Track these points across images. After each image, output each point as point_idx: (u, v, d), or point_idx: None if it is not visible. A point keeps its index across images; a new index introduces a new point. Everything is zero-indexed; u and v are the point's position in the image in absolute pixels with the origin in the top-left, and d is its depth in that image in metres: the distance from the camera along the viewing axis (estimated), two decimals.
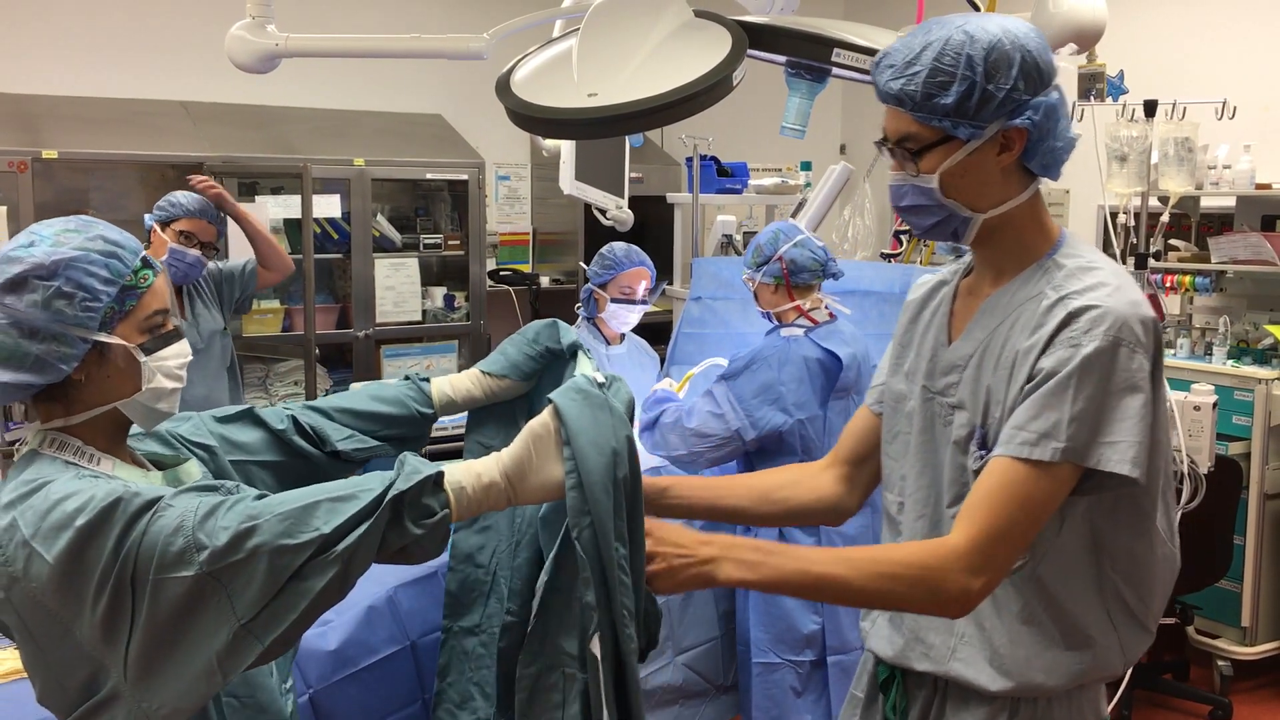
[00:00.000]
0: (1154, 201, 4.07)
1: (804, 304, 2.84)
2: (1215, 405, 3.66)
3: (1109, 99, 3.95)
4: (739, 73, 1.96)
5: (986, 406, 1.44)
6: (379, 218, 5.34)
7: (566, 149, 3.34)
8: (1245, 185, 4.30)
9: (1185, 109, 4.04)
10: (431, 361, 5.41)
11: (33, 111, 4.76)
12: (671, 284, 4.70)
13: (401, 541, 1.22)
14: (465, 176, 5.37)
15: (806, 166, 5.05)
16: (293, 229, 4.95)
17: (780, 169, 5.93)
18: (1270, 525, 3.94)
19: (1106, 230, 3.95)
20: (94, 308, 1.29)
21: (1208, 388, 3.73)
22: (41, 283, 1.27)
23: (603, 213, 3.64)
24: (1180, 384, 3.77)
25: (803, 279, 2.82)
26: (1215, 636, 4.02)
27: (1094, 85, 3.85)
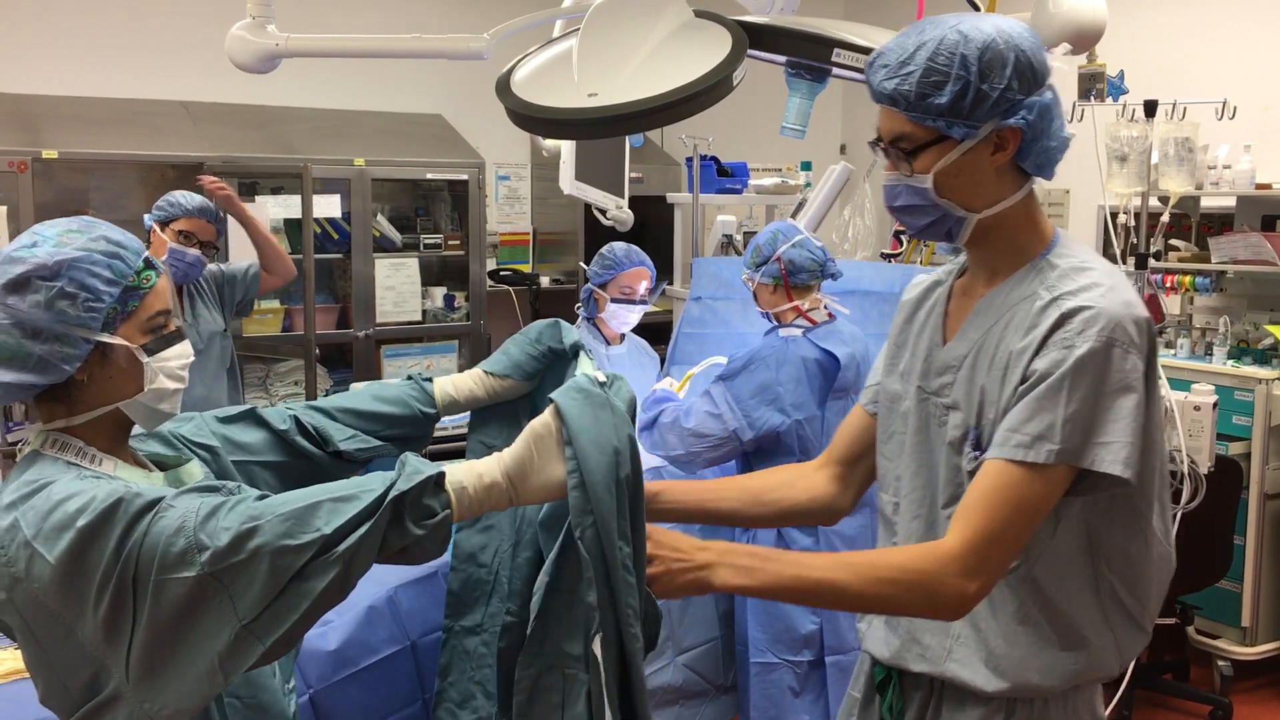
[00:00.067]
0: (1154, 201, 4.07)
1: (803, 304, 2.84)
2: (1215, 405, 3.65)
3: (1109, 99, 3.95)
4: (739, 73, 1.96)
5: (981, 407, 1.44)
6: (379, 218, 5.34)
7: (566, 149, 3.34)
8: (1245, 185, 4.30)
9: (1185, 109, 4.04)
10: (432, 361, 5.41)
11: (33, 111, 4.76)
12: (671, 284, 4.70)
13: (403, 542, 1.22)
14: (465, 176, 5.37)
15: (806, 166, 5.05)
16: (293, 229, 4.95)
17: (780, 169, 5.93)
18: (1270, 525, 3.94)
19: (1107, 230, 3.95)
20: (97, 308, 1.29)
21: (1208, 388, 3.73)
22: (44, 283, 1.27)
23: (603, 213, 3.64)
24: (1180, 384, 3.77)
25: (801, 279, 2.82)
26: (1215, 636, 4.02)
27: (1094, 85, 3.85)
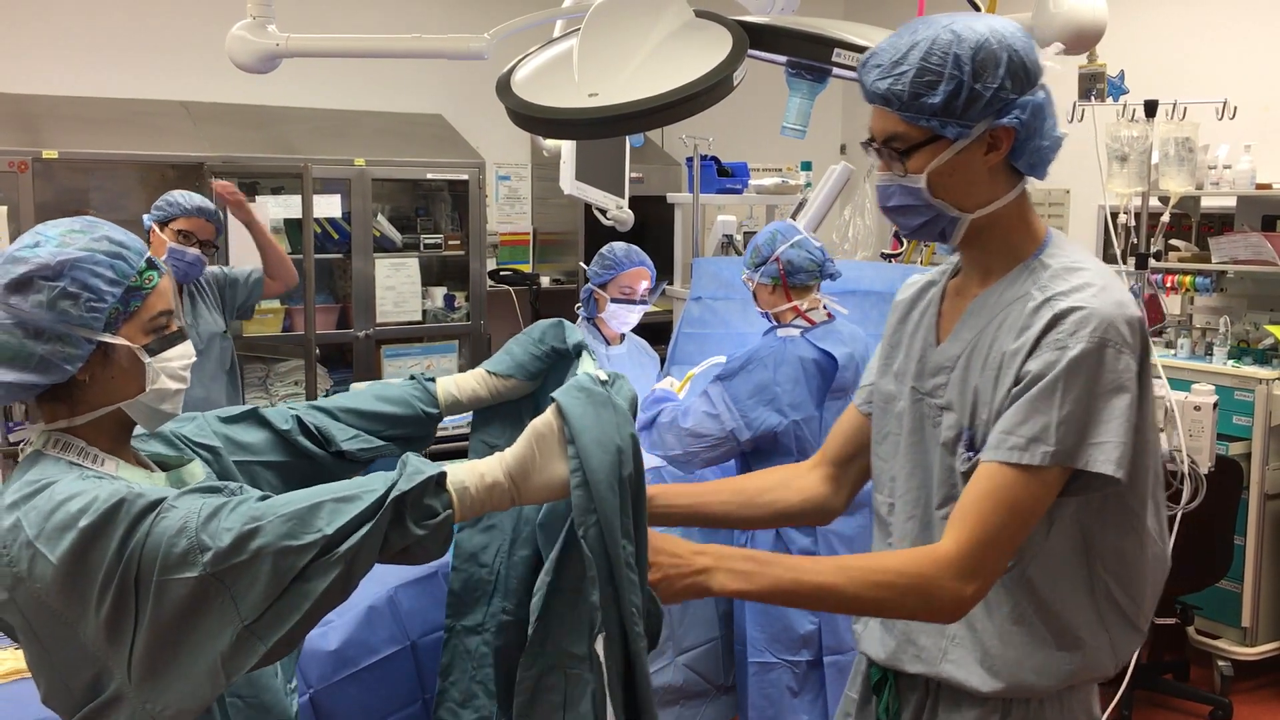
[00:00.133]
0: (1154, 201, 4.07)
1: (801, 304, 2.83)
2: (1216, 405, 3.65)
3: (1109, 99, 3.95)
4: (739, 73, 1.96)
5: (974, 408, 1.44)
6: (379, 218, 5.34)
7: (567, 149, 3.34)
8: (1245, 185, 4.30)
9: (1186, 109, 4.04)
10: (432, 361, 5.41)
11: (33, 111, 4.76)
12: (672, 284, 4.70)
13: (404, 542, 1.22)
14: (465, 176, 5.38)
15: (807, 166, 5.05)
16: (293, 229, 4.95)
17: (780, 169, 5.93)
18: (1270, 525, 3.94)
19: (1107, 230, 3.95)
20: (99, 308, 1.29)
21: (1208, 388, 3.73)
22: (47, 283, 1.27)
23: (603, 213, 3.64)
24: (1181, 384, 3.76)
25: (800, 279, 2.82)
26: (1215, 637, 4.02)
27: (1094, 85, 3.85)
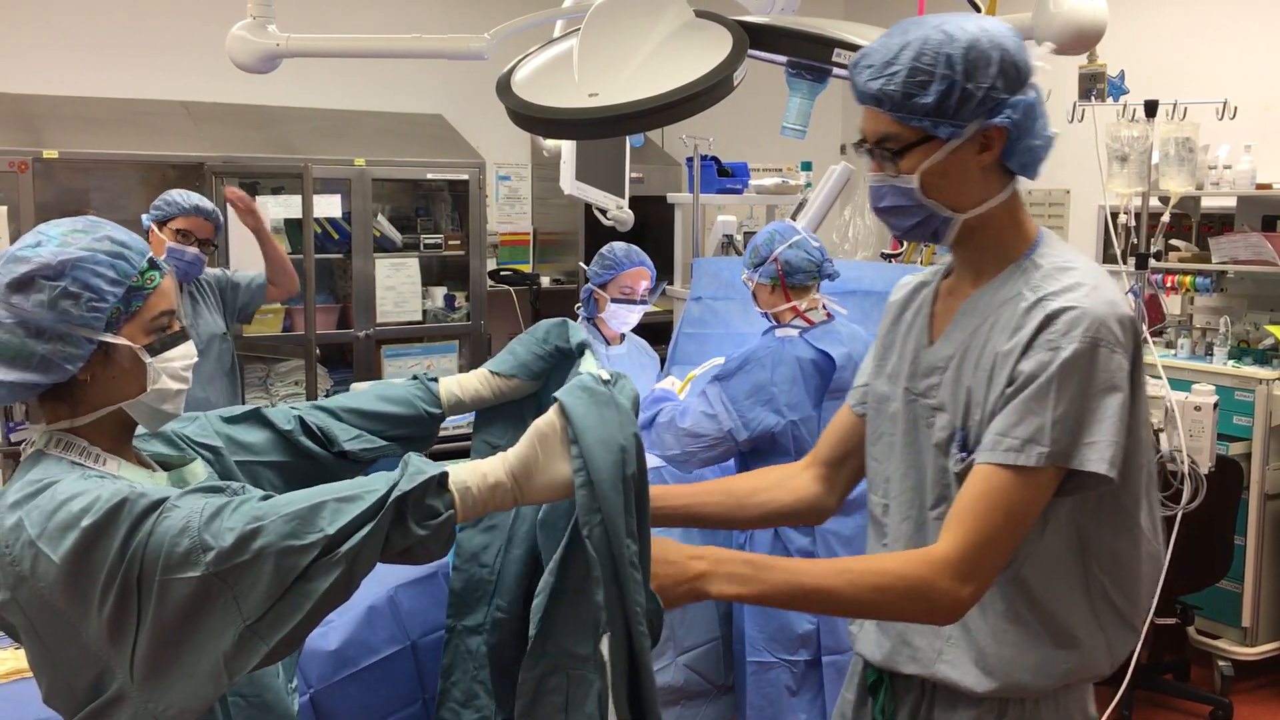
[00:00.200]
0: (1155, 201, 4.07)
1: (800, 305, 2.83)
2: (1216, 405, 3.65)
3: (1110, 99, 3.95)
4: (740, 73, 1.96)
5: (967, 408, 1.44)
6: (379, 218, 5.34)
7: (567, 149, 3.34)
8: (1246, 185, 4.30)
9: (1186, 109, 4.04)
10: (432, 361, 5.41)
11: (33, 111, 4.76)
12: (672, 284, 4.70)
13: (406, 542, 1.22)
14: (466, 176, 5.38)
15: (807, 167, 5.05)
16: (293, 229, 4.95)
17: (781, 169, 5.93)
18: (1271, 525, 3.94)
19: (1107, 230, 3.95)
20: (100, 308, 1.29)
21: (1208, 388, 3.73)
22: (48, 282, 1.27)
23: (603, 213, 3.64)
24: (1181, 384, 3.76)
25: (798, 280, 2.82)
26: (1216, 637, 4.02)
27: (1095, 85, 3.86)
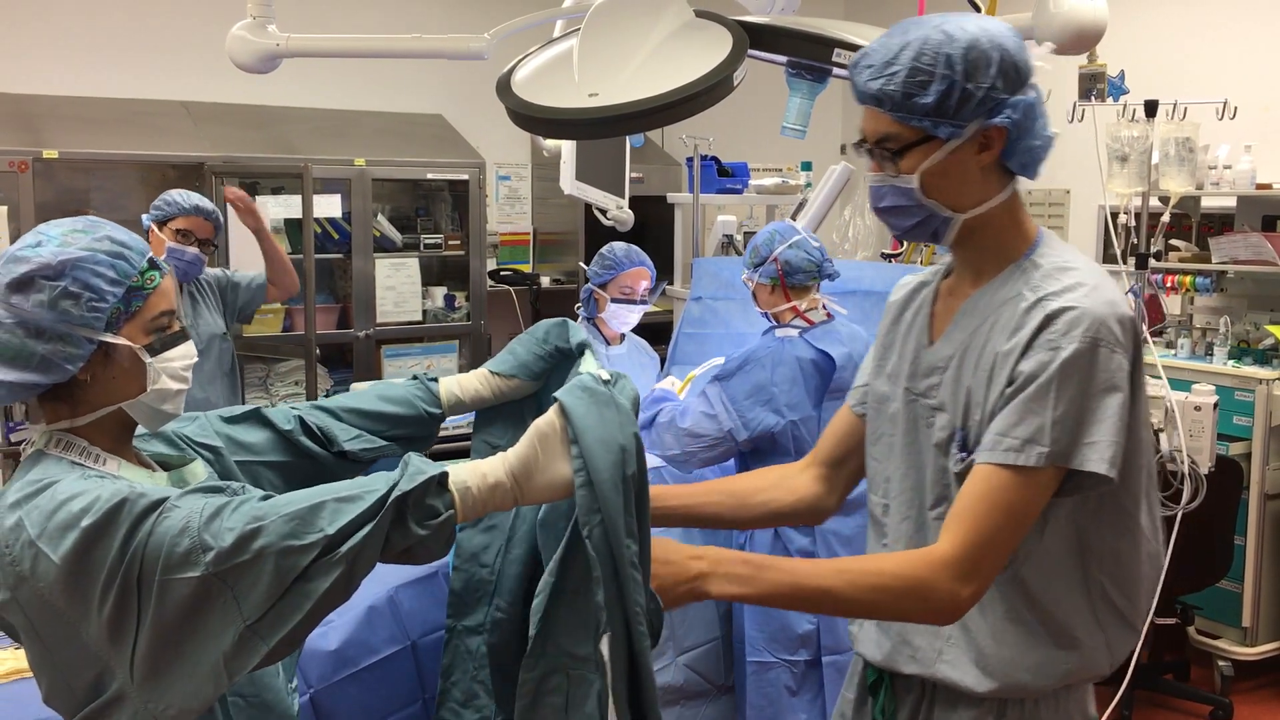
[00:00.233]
0: (1155, 202, 4.07)
1: (800, 305, 2.83)
2: (1216, 405, 3.65)
3: (1110, 99, 3.95)
4: (740, 73, 1.96)
5: (967, 408, 1.44)
6: (379, 218, 5.34)
7: (567, 149, 3.34)
8: (1246, 185, 4.30)
9: (1186, 109, 4.04)
10: (432, 361, 5.41)
11: (33, 111, 4.76)
12: (672, 284, 4.70)
13: (406, 542, 1.22)
14: (466, 176, 5.38)
15: (807, 166, 5.05)
16: (293, 229, 4.95)
17: (781, 169, 5.93)
18: (1271, 526, 3.94)
19: (1107, 230, 3.95)
20: (100, 308, 1.29)
21: (1208, 388, 3.73)
22: (48, 282, 1.27)
23: (603, 213, 3.64)
24: (1181, 384, 3.76)
25: (798, 280, 2.82)
26: (1216, 637, 4.02)
27: (1095, 85, 3.86)
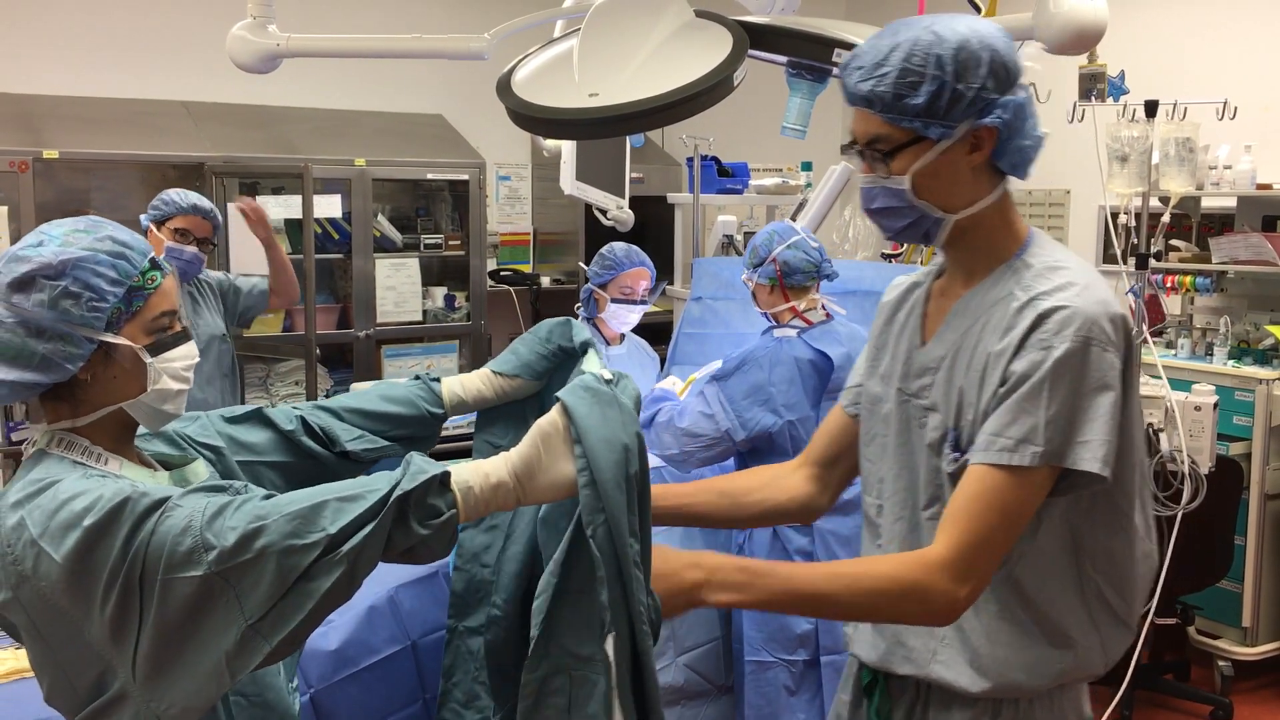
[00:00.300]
0: (1155, 202, 4.07)
1: (799, 305, 2.84)
2: (1216, 405, 3.65)
3: (1110, 99, 3.95)
4: (740, 73, 1.96)
5: (959, 409, 1.45)
6: (380, 218, 5.34)
7: (567, 149, 3.34)
8: (1246, 185, 4.30)
9: (1186, 109, 4.04)
10: (432, 361, 5.41)
11: (33, 111, 4.76)
12: (672, 284, 4.70)
13: (408, 541, 1.22)
14: (466, 176, 5.38)
15: (807, 167, 5.05)
16: (293, 229, 4.95)
17: (781, 169, 5.93)
18: (1271, 526, 3.94)
19: (1107, 230, 3.95)
20: (100, 308, 1.29)
21: (1208, 388, 3.73)
22: (49, 282, 1.27)
23: (603, 213, 3.64)
24: (1181, 384, 3.77)
25: (797, 280, 2.82)
26: (1216, 637, 4.02)
27: (1095, 85, 3.85)
